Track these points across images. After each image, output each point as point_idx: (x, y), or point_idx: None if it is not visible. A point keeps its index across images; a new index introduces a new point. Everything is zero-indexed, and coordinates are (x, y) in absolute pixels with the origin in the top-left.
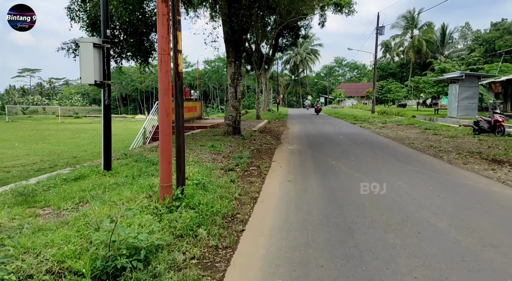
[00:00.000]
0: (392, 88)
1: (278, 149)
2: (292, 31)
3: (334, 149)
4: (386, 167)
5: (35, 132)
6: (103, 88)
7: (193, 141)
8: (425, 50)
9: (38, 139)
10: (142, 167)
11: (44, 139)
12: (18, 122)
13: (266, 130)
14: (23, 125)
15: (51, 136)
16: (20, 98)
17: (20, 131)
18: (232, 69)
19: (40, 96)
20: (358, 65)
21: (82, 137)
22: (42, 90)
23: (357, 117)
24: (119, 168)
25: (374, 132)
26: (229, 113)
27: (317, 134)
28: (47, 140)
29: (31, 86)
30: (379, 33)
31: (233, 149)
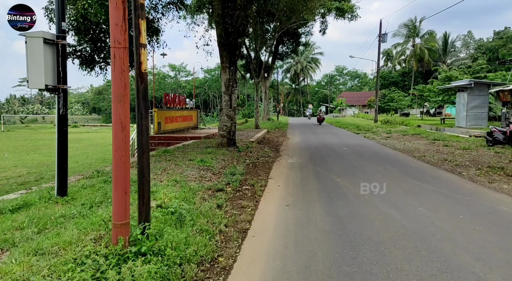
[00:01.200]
0: (395, 97)
1: (277, 163)
2: (293, 38)
3: (338, 163)
4: (401, 187)
5: (29, 142)
6: (57, 94)
7: (182, 154)
8: (427, 59)
9: (30, 150)
10: (109, 190)
11: (36, 150)
12: (13, 132)
13: (265, 140)
14: (18, 135)
15: (44, 146)
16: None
17: (13, 141)
18: (227, 75)
19: (40, 105)
20: (359, 73)
21: (76, 147)
22: (42, 99)
23: (360, 126)
24: (78, 192)
25: (379, 143)
26: (223, 123)
27: (319, 145)
28: (39, 150)
29: (31, 95)
30: (381, 41)
31: (226, 164)
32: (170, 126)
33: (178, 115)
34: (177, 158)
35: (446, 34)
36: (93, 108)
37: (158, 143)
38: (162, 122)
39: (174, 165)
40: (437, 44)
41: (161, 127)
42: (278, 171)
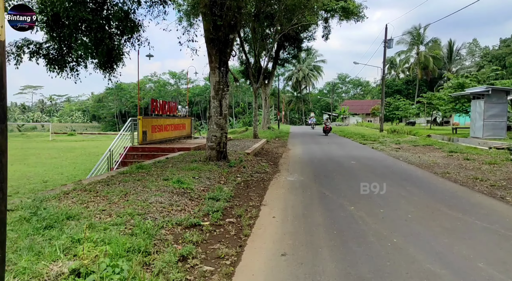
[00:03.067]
0: (400, 105)
1: (274, 182)
2: (294, 43)
3: (348, 182)
4: (438, 221)
5: (18, 151)
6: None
7: (159, 171)
8: (431, 67)
9: (17, 160)
10: (21, 234)
11: (24, 159)
12: None
13: (263, 152)
14: (11, 144)
15: (33, 155)
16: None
17: None
18: (216, 77)
19: (40, 113)
20: (361, 82)
21: (66, 157)
22: (43, 107)
23: (365, 136)
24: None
25: (390, 155)
26: (212, 133)
27: (323, 158)
28: (26, 160)
29: (32, 103)
30: (387, 46)
31: (211, 184)
32: (158, 135)
33: (168, 123)
34: (151, 176)
35: (451, 42)
36: (93, 116)
37: (142, 155)
38: (148, 131)
39: (142, 187)
40: (442, 52)
41: (147, 136)
42: (275, 193)
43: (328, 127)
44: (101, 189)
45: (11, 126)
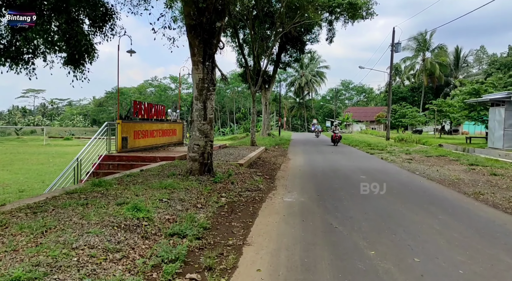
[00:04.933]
0: (407, 112)
1: (267, 205)
2: (296, 45)
3: (360, 207)
4: None
5: (6, 156)
6: None
7: (121, 189)
8: (438, 74)
9: (1, 165)
10: None
11: (8, 165)
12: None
13: (259, 162)
14: (1, 148)
15: (20, 160)
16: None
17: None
18: (200, 73)
19: (41, 117)
20: (365, 89)
21: (54, 163)
22: (45, 110)
23: (371, 144)
24: None
25: (404, 167)
26: (194, 141)
27: (328, 171)
28: (11, 166)
29: (34, 107)
30: (394, 50)
31: (183, 209)
32: (142, 142)
33: (155, 128)
34: (105, 198)
35: (458, 49)
36: (93, 120)
37: (118, 165)
38: (129, 137)
39: (79, 218)
40: (449, 59)
41: (128, 143)
42: (266, 223)
43: (337, 136)
44: (18, 220)
45: (9, 129)
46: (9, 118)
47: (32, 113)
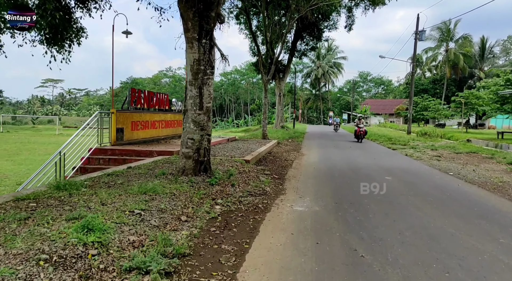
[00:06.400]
0: (430, 105)
1: (272, 216)
2: (313, 32)
3: (391, 221)
4: None
5: (16, 146)
6: None
7: (88, 195)
8: (462, 65)
9: (7, 155)
10: None
11: (15, 155)
12: (13, 133)
13: (269, 158)
14: (15, 137)
15: (28, 150)
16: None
17: (1, 143)
18: (195, 52)
19: (59, 107)
20: (384, 80)
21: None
22: (63, 100)
23: (392, 139)
24: None
25: (433, 166)
26: (188, 134)
27: (347, 170)
28: (17, 156)
29: (53, 97)
30: (418, 39)
31: (160, 224)
32: (140, 134)
33: (157, 119)
34: (58, 208)
35: (484, 39)
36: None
37: (109, 160)
38: (126, 129)
39: (2, 241)
40: (473, 50)
41: (125, 135)
42: (267, 246)
43: (361, 131)
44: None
45: (26, 118)
46: (28, 108)
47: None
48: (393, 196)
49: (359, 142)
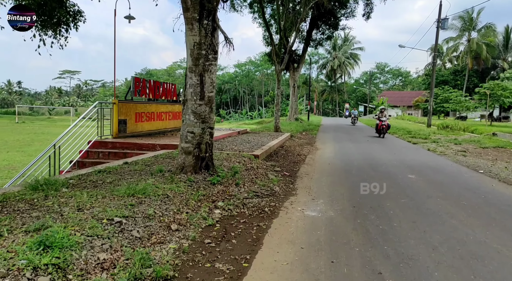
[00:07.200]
0: (451, 96)
1: (278, 224)
2: (329, 21)
3: (420, 232)
4: None
5: (29, 136)
6: None
7: (69, 195)
8: (484, 56)
9: (19, 145)
10: None
11: (27, 146)
12: (26, 123)
13: (281, 152)
14: (30, 127)
15: (40, 141)
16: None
17: (14, 134)
18: (195, 35)
19: (76, 98)
20: (402, 72)
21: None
22: (80, 91)
23: (412, 132)
24: None
25: (461, 163)
26: (187, 127)
27: (365, 167)
28: (29, 147)
29: (70, 88)
30: (440, 27)
31: (144, 235)
32: (145, 126)
33: (164, 110)
34: (25, 214)
35: (508, 28)
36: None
37: (109, 154)
38: (130, 120)
39: None
40: (497, 39)
41: (128, 127)
42: (271, 266)
43: (384, 125)
44: None
45: (42, 109)
46: (46, 99)
47: (67, 94)
48: (420, 199)
49: (380, 137)
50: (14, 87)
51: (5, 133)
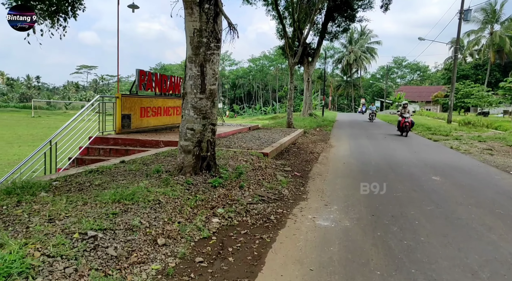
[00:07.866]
0: (473, 91)
1: (285, 236)
2: (345, 12)
3: (454, 250)
4: None
5: (43, 131)
6: None
7: (46, 201)
8: (508, 49)
9: (31, 140)
10: None
11: (40, 140)
12: (42, 118)
13: (292, 150)
14: (45, 121)
15: None
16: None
17: (28, 128)
18: (195, 21)
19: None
20: (420, 66)
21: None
22: (96, 86)
23: (431, 128)
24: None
25: (488, 163)
26: (187, 124)
27: (384, 167)
28: (42, 141)
29: (87, 83)
30: (463, 19)
31: (122, 253)
32: (151, 121)
33: (171, 105)
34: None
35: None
36: None
37: (111, 150)
38: (135, 115)
39: None
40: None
41: (132, 122)
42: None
43: (407, 122)
44: None
45: (59, 104)
46: (63, 93)
47: (84, 89)
48: (448, 206)
49: (403, 135)
50: (33, 81)
51: (20, 127)
